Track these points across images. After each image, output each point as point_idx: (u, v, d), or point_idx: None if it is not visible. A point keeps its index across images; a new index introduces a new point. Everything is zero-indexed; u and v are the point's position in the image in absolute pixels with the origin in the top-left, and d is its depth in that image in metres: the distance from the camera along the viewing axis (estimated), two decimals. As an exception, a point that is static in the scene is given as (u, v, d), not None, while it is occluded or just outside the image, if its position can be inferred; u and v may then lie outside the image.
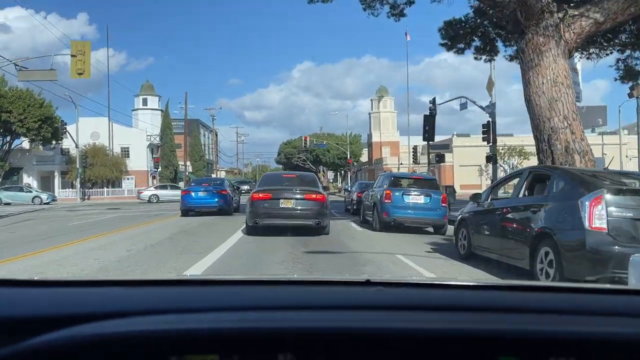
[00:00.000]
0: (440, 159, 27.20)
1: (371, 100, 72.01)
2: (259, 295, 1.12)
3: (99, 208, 30.82)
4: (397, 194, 13.26)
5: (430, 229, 13.83)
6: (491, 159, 29.30)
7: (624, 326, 0.97)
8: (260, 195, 11.68)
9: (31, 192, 42.59)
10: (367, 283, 1.19)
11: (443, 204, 13.28)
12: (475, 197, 8.19)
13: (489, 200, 8.08)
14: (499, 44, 22.44)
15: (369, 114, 71.91)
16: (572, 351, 0.89)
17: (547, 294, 1.27)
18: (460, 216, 8.98)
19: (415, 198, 13.28)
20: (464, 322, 0.95)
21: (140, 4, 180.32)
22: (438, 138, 62.81)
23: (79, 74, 20.69)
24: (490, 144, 29.37)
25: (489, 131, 29.45)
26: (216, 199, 19.37)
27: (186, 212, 19.45)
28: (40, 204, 38.95)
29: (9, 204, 39.75)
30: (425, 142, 59.97)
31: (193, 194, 19.61)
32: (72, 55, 20.76)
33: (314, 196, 11.65)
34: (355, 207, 21.71)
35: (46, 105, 47.13)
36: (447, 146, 33.37)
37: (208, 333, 0.88)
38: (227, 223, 15.31)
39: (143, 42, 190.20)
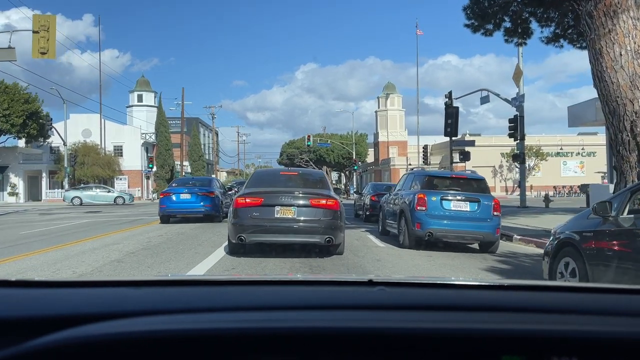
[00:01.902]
0: (465, 156, 23.70)
1: (378, 98, 68.73)
2: (262, 295, 1.11)
3: (79, 211, 27.60)
4: (433, 198, 9.87)
5: (475, 245, 10.52)
6: (519, 157, 25.82)
7: (626, 326, 0.95)
8: (248, 200, 8.19)
9: (112, 192, 41.59)
10: (370, 283, 1.17)
11: (495, 213, 9.90)
12: (602, 209, 4.84)
13: (625, 213, 4.75)
14: (533, 25, 19.05)
15: (375, 112, 68.64)
16: (574, 350, 0.87)
17: (549, 293, 1.25)
18: (561, 236, 5.63)
19: (459, 204, 9.89)
20: (466, 322, 0.93)
21: (145, 6, 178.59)
22: (441, 139, 59.85)
23: (41, 54, 17.36)
24: (518, 140, 25.92)
25: (516, 126, 25.90)
26: (201, 203, 16.18)
27: (166, 218, 16.29)
28: (123, 204, 38.29)
29: (79, 204, 37.81)
30: (430, 140, 56.61)
31: (174, 196, 16.21)
32: (34, 32, 17.45)
33: (323, 202, 8.22)
34: (368, 213, 19.14)
35: (32, 100, 44.10)
36: (472, 142, 29.86)
37: (211, 333, 0.87)
38: (209, 235, 11.97)
39: (148, 44, 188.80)
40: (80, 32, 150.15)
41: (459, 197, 9.97)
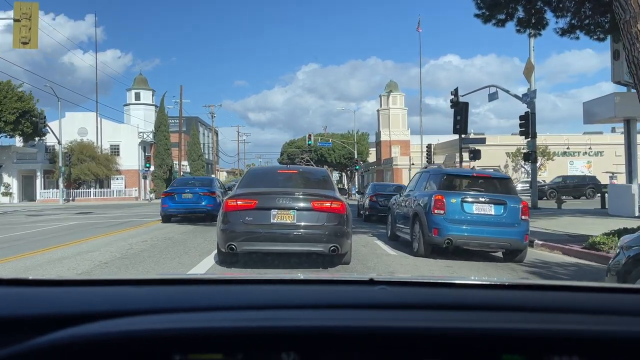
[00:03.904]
0: (475, 155, 22.44)
1: (380, 96, 67.47)
2: (263, 294, 1.11)
3: (70, 212, 26.44)
4: (453, 200, 8.64)
5: (498, 253, 9.31)
6: (530, 156, 24.51)
7: (626, 325, 0.95)
8: (240, 202, 7.09)
9: None
10: (371, 282, 1.17)
11: (524, 217, 8.66)
12: None
13: None
14: (548, 15, 17.87)
15: (377, 110, 67.40)
16: (575, 349, 0.87)
17: (550, 292, 1.24)
18: (631, 253, 4.42)
19: (482, 207, 8.63)
20: (466, 321, 0.93)
21: (147, 7, 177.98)
22: (445, 138, 58.68)
23: (23, 44, 16.18)
24: (529, 138, 24.64)
25: (527, 124, 24.56)
26: (203, 203, 16.16)
27: (168, 218, 16.40)
28: None
29: None
30: (432, 140, 55.29)
31: (176, 196, 16.42)
32: (15, 20, 16.28)
33: (327, 204, 7.11)
34: (367, 213, 19.07)
35: (26, 98, 42.86)
36: (483, 140, 28.65)
37: (212, 332, 0.87)
38: (199, 241, 10.76)
39: (150, 44, 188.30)
40: (82, 32, 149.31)
41: (482, 199, 8.71)
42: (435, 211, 8.63)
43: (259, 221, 6.99)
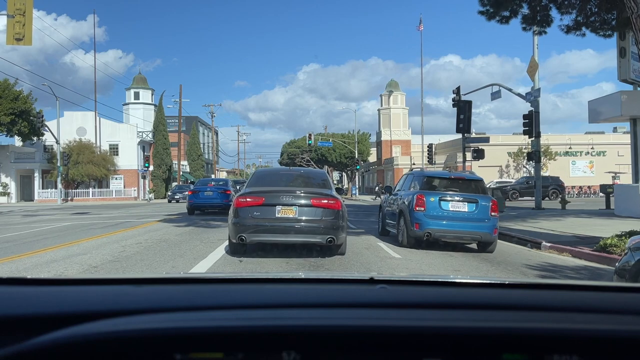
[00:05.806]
0: (479, 154, 22.05)
1: (380, 95, 67.18)
2: (264, 293, 1.10)
3: (67, 212, 26.05)
4: (432, 199, 9.90)
5: (473, 245, 10.41)
6: (534, 156, 24.08)
7: (626, 324, 0.94)
8: (249, 199, 8.00)
9: None
10: (372, 281, 1.17)
11: (493, 213, 9.89)
12: None
13: None
14: (553, 12, 17.57)
15: (378, 110, 67.10)
16: (575, 348, 0.86)
17: (551, 291, 1.23)
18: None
19: (457, 205, 9.91)
20: (467, 320, 0.92)
21: (149, 7, 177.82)
22: (445, 138, 58.32)
23: (17, 40, 15.81)
24: (533, 138, 24.23)
25: (531, 123, 24.16)
26: (222, 199, 20.06)
27: (192, 210, 20.50)
28: None
29: None
30: (433, 140, 54.92)
31: (199, 193, 20.53)
32: (8, 16, 15.91)
33: (325, 202, 8.00)
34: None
35: (23, 97, 42.41)
36: (487, 139, 28.20)
37: (213, 331, 0.86)
38: (195, 243, 10.35)
39: (151, 44, 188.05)
40: (84, 32, 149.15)
41: (457, 198, 9.93)
42: (417, 208, 9.82)
43: (265, 216, 7.85)
